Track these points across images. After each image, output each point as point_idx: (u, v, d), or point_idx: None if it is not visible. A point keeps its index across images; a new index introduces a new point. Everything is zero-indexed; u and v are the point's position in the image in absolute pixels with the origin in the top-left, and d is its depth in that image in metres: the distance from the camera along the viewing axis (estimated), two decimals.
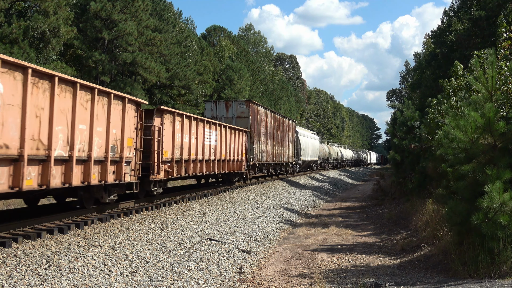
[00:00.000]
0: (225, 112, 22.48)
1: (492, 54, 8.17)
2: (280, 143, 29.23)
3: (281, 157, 29.27)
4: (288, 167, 32.68)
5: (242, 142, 20.83)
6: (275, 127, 27.99)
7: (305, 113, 79.04)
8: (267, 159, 25.34)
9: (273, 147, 27.14)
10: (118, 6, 25.53)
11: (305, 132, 42.69)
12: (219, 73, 42.53)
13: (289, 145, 32.24)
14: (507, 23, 13.40)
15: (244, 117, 22.36)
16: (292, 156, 33.06)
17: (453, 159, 8.44)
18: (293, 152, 33.43)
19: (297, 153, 34.77)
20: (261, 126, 24.42)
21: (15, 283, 6.15)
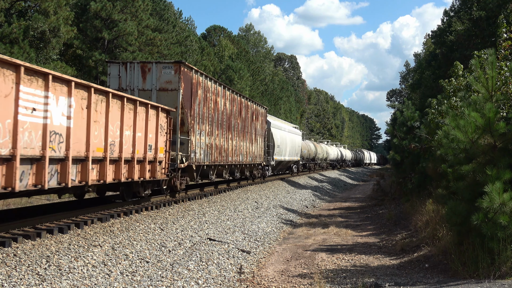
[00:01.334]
0: (141, 81, 14.26)
1: (492, 54, 8.17)
2: (242, 136, 21.11)
3: (242, 156, 21.12)
4: (254, 170, 24.22)
5: (160, 129, 12.52)
6: (233, 112, 19.71)
7: (305, 113, 79.05)
8: (216, 159, 17.37)
9: (229, 141, 19.02)
10: (118, 6, 25.54)
11: (281, 123, 32.47)
12: (219, 73, 42.53)
13: (257, 139, 23.95)
14: (507, 23, 13.41)
15: (172, 90, 14.03)
16: (261, 154, 24.85)
17: (453, 159, 8.44)
18: (263, 149, 25.14)
19: (268, 151, 26.21)
20: (205, 107, 16.02)
21: (15, 282, 6.15)
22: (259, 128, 24.64)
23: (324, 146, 50.42)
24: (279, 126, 30.06)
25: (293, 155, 32.94)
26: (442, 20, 34.64)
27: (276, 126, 28.63)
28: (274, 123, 28.62)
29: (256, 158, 23.69)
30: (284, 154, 30.27)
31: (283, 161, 30.35)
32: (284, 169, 33.51)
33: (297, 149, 34.14)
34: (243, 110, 21.46)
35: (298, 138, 35.28)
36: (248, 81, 45.08)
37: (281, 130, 29.74)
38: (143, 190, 12.51)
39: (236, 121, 20.15)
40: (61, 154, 8.28)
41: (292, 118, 64.27)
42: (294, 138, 33.49)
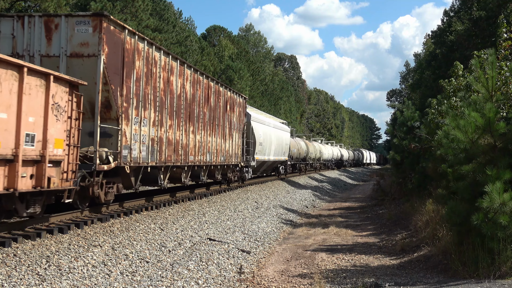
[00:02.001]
0: (44, 42, 9.91)
1: (492, 54, 8.17)
2: (210, 130, 16.56)
3: (211, 155, 16.72)
4: (229, 173, 19.83)
5: (56, 110, 8.26)
6: (197, 97, 15.09)
7: (305, 113, 79.05)
8: (169, 158, 13.10)
9: (189, 135, 14.56)
10: (118, 6, 25.55)
11: (265, 117, 27.75)
12: (219, 73, 42.53)
13: (232, 135, 19.60)
14: (507, 23, 13.41)
15: (89, 56, 9.80)
16: (239, 153, 20.60)
17: (453, 159, 8.44)
18: (241, 147, 20.94)
19: (248, 150, 21.95)
20: (149, 86, 11.89)
21: (15, 282, 6.15)
22: (236, 121, 20.07)
23: (317, 145, 46.06)
24: (262, 120, 25.64)
25: (280, 155, 28.50)
26: (442, 20, 34.67)
27: (258, 120, 24.22)
28: (256, 117, 24.18)
29: (231, 158, 19.23)
30: (268, 153, 25.68)
31: (267, 162, 25.74)
32: (269, 171, 29.49)
33: (284, 148, 29.56)
34: (213, 96, 16.76)
35: (286, 135, 30.74)
36: (248, 81, 45.08)
37: (264, 125, 25.31)
38: (23, 208, 7.87)
39: (202, 109, 15.38)
40: None
41: (292, 118, 64.28)
42: (281, 135, 29.12)
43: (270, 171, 30.03)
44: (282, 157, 29.28)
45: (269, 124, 26.94)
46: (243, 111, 21.71)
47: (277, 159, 28.12)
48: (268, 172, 29.76)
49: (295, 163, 35.89)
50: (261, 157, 24.16)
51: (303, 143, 38.70)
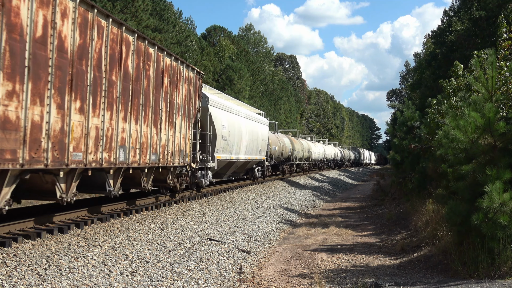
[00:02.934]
0: None
1: (492, 54, 8.17)
2: (126, 111, 10.41)
3: (128, 151, 10.50)
4: (170, 179, 13.69)
5: None
6: (96, 52, 9.14)
7: (305, 113, 79.08)
8: (28, 158, 7.12)
9: (72, 115, 8.34)
10: (118, 6, 25.55)
11: (232, 104, 21.32)
12: (219, 73, 42.54)
13: (174, 123, 13.28)
14: (507, 23, 13.41)
15: None
16: (186, 150, 14.34)
17: (453, 159, 8.44)
18: (190, 141, 14.75)
19: (204, 146, 16.30)
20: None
21: (15, 282, 6.15)
22: (182, 103, 13.64)
23: (306, 143, 39.97)
24: (228, 106, 19.44)
25: (254, 153, 22.82)
26: (442, 20, 34.67)
27: (220, 106, 18.05)
28: (217, 101, 17.77)
29: (172, 157, 12.94)
30: (237, 151, 19.90)
31: (235, 162, 20.13)
32: (240, 173, 23.42)
33: (260, 144, 24.00)
34: (132, 58, 10.61)
35: (263, 129, 25.05)
36: (248, 81, 45.07)
37: (230, 114, 19.39)
38: None
39: (107, 76, 9.55)
40: None
41: (292, 118, 64.28)
42: (256, 128, 23.24)
43: (242, 173, 23.93)
44: (257, 156, 23.56)
45: (239, 113, 20.91)
46: (196, 91, 14.96)
47: (251, 159, 22.36)
48: (239, 175, 23.43)
49: (277, 163, 29.94)
50: (226, 156, 18.24)
51: (287, 139, 32.73)
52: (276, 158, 29.59)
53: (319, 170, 47.28)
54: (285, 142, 31.97)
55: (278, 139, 30.17)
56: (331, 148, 56.12)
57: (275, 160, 29.37)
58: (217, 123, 17.25)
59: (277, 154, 29.60)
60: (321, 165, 48.13)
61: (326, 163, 51.88)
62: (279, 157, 30.28)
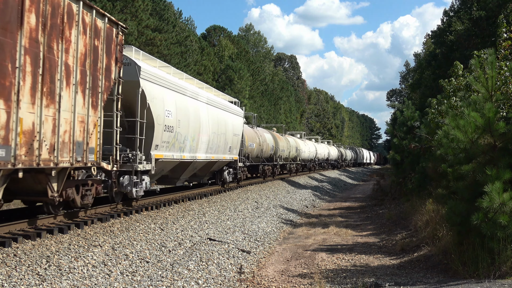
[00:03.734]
0: None
1: (492, 54, 8.17)
2: None
3: None
4: (52, 189, 8.27)
5: None
6: None
7: (305, 113, 79.10)
8: None
9: None
10: (118, 6, 25.56)
11: (185, 83, 15.21)
12: (219, 73, 42.56)
13: (61, 95, 8.02)
14: (507, 23, 13.42)
15: None
16: (92, 142, 9.16)
17: (453, 159, 8.44)
18: (99, 126, 9.47)
19: (129, 140, 11.51)
20: None
21: (15, 283, 6.15)
22: (78, 66, 8.66)
23: (293, 140, 35.15)
24: (178, 85, 13.80)
25: (221, 151, 17.93)
26: (442, 20, 34.66)
27: (163, 82, 12.67)
28: (155, 74, 12.32)
29: (55, 152, 7.97)
30: (193, 148, 14.75)
31: (191, 163, 14.97)
32: (203, 177, 18.00)
33: (231, 140, 18.93)
34: None
35: (236, 120, 19.97)
36: (248, 81, 45.08)
37: (182, 95, 13.91)
38: None
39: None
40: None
41: (292, 118, 64.29)
42: (224, 119, 18.15)
43: (207, 177, 18.77)
44: (226, 155, 18.53)
45: (197, 96, 15.21)
46: (110, 51, 9.84)
47: (217, 159, 17.39)
48: (201, 179, 18.02)
49: (255, 164, 24.53)
50: (173, 155, 13.18)
51: (268, 136, 27.56)
52: (254, 157, 24.12)
53: (309, 171, 42.17)
54: (266, 138, 26.69)
55: (257, 134, 24.79)
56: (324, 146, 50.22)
57: (253, 160, 23.89)
58: (157, 106, 11.85)
59: (256, 152, 24.19)
60: (311, 165, 42.78)
61: (319, 164, 46.35)
62: (258, 156, 24.74)
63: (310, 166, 42.31)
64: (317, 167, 45.44)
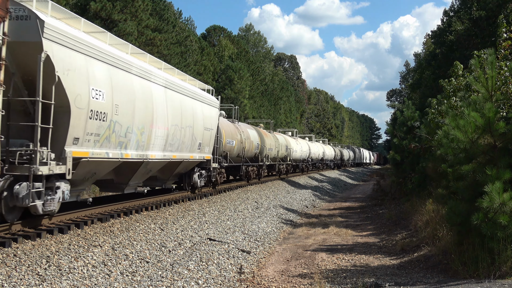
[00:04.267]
0: None
1: (492, 54, 8.17)
2: None
3: None
4: None
5: None
6: None
7: (305, 113, 79.09)
8: None
9: None
10: (118, 6, 25.54)
11: (131, 57, 11.03)
12: (219, 73, 42.56)
13: None
14: (507, 23, 13.42)
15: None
16: None
17: (453, 159, 8.44)
18: None
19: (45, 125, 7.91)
20: None
21: (15, 283, 6.15)
22: None
23: (283, 138, 31.64)
24: (112, 56, 10.04)
25: (189, 148, 14.38)
26: (442, 20, 34.66)
27: (86, 49, 9.06)
28: (74, 36, 8.71)
29: None
30: (144, 144, 11.38)
31: (143, 163, 11.50)
32: (165, 180, 14.62)
33: (201, 136, 15.19)
34: None
35: (209, 112, 16.01)
36: (248, 81, 45.07)
37: (122, 71, 10.32)
38: None
39: None
40: None
41: (292, 118, 64.28)
42: (194, 108, 14.57)
43: (171, 181, 15.04)
44: (195, 154, 14.89)
45: (149, 76, 11.66)
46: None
47: (181, 158, 13.77)
48: (163, 184, 14.59)
49: (237, 164, 21.19)
50: (106, 152, 9.81)
51: (253, 132, 23.96)
52: (235, 157, 20.78)
53: (302, 172, 38.58)
54: (250, 135, 22.98)
55: (238, 130, 21.16)
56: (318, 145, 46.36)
57: (233, 160, 20.50)
58: (75, 82, 8.60)
59: (237, 151, 20.78)
60: (304, 166, 38.73)
61: (312, 164, 42.59)
62: (239, 155, 21.34)
63: (302, 166, 38.23)
64: (310, 167, 41.45)
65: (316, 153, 43.35)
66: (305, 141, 41.97)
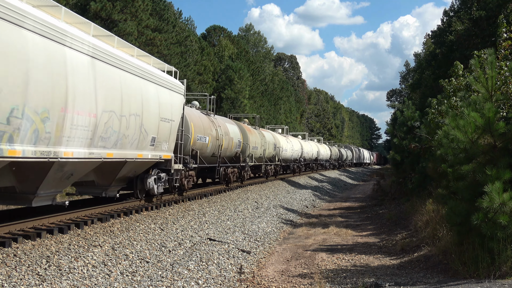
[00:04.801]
0: None
1: (492, 54, 8.17)
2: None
3: None
4: None
5: None
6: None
7: (305, 113, 79.10)
8: None
9: None
10: (118, 6, 25.54)
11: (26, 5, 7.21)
12: (219, 73, 42.55)
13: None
14: (507, 23, 13.41)
15: None
16: None
17: (453, 159, 8.44)
18: None
19: None
20: None
21: (15, 283, 6.15)
22: None
23: (271, 136, 28.22)
24: None
25: (136, 144, 10.81)
26: (442, 20, 34.66)
27: None
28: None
29: None
30: (51, 136, 7.71)
31: (54, 164, 7.96)
32: (107, 186, 11.03)
33: (155, 128, 11.77)
34: None
35: (168, 97, 12.58)
36: (248, 81, 45.06)
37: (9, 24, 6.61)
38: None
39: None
40: None
41: (292, 118, 64.28)
42: (143, 90, 11.01)
43: (116, 187, 11.57)
44: (146, 152, 11.55)
45: (62, 37, 7.95)
46: None
47: (124, 157, 10.39)
48: (104, 191, 11.13)
49: (211, 165, 17.92)
50: None
51: (234, 128, 20.89)
52: (209, 156, 17.47)
53: (293, 173, 35.18)
54: (229, 130, 19.86)
55: (213, 124, 17.85)
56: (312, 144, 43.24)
57: (207, 160, 17.23)
58: None
59: (211, 149, 17.45)
60: (295, 167, 35.29)
61: (305, 165, 39.15)
62: (215, 155, 18.01)
63: (294, 167, 34.83)
64: (303, 168, 37.86)
65: (309, 153, 40.11)
66: (297, 139, 38.07)
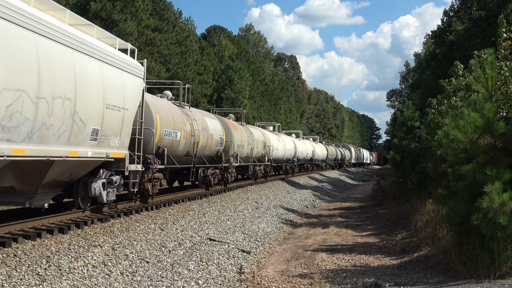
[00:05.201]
0: None
1: (492, 54, 8.17)
2: None
3: None
4: None
5: None
6: None
7: (305, 113, 79.09)
8: None
9: None
10: (118, 6, 25.54)
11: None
12: (219, 73, 42.55)
13: None
14: (507, 23, 13.41)
15: None
16: None
17: (453, 159, 8.44)
18: None
19: None
20: None
21: (15, 283, 6.15)
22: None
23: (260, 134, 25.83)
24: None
25: (69, 138, 8.41)
26: (442, 20, 34.66)
27: None
28: None
29: None
30: None
31: None
32: (32, 194, 8.50)
33: (100, 117, 9.31)
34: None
35: (120, 78, 10.21)
36: (248, 81, 45.06)
37: None
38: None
39: None
40: None
41: (292, 118, 64.28)
42: (76, 65, 8.40)
43: (48, 194, 9.05)
44: (86, 149, 9.08)
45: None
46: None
47: (46, 155, 7.84)
48: (28, 200, 8.52)
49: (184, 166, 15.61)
50: None
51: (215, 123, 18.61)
52: (182, 155, 15.10)
53: (285, 175, 32.89)
54: (209, 126, 17.39)
55: (187, 117, 15.48)
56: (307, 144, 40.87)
57: (179, 160, 14.83)
58: None
59: (184, 147, 15.00)
60: (288, 167, 32.84)
61: (299, 165, 36.91)
62: (189, 154, 15.52)
63: (286, 168, 32.42)
64: (296, 169, 35.17)
65: (303, 152, 37.69)
66: (290, 138, 35.86)
